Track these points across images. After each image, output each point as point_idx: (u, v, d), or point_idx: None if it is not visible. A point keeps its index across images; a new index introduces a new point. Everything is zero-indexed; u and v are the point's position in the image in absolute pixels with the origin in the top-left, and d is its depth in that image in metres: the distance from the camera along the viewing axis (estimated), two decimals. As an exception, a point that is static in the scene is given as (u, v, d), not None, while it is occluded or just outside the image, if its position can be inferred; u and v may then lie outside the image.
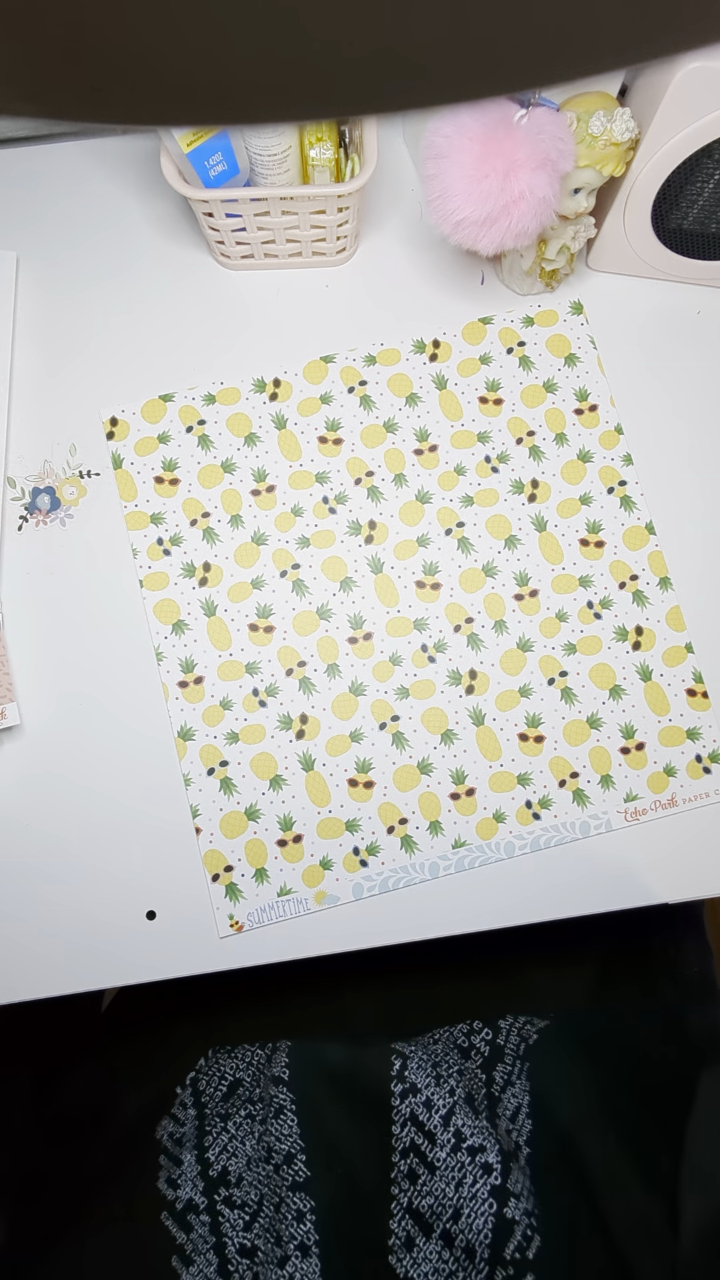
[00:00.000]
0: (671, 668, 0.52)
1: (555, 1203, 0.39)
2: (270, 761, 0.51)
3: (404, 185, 0.59)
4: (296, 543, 0.53)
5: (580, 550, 0.53)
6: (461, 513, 0.54)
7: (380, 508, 0.54)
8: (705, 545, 0.54)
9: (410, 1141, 0.41)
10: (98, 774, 0.51)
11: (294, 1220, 0.39)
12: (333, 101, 0.12)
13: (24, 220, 0.59)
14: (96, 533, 0.54)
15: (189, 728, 0.51)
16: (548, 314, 0.56)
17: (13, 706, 0.51)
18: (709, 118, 0.46)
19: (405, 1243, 0.38)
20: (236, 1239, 0.39)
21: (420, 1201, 0.40)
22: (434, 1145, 0.41)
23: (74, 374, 0.56)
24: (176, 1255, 0.38)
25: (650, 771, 0.51)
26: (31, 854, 0.51)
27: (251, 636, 0.52)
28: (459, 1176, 0.40)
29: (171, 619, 0.52)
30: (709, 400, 0.56)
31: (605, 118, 0.46)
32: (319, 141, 0.50)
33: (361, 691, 0.51)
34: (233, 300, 0.58)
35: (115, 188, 0.59)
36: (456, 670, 0.52)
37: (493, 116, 0.45)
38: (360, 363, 0.55)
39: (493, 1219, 0.38)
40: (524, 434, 0.55)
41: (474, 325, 0.56)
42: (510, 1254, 0.37)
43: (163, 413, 0.55)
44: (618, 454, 0.55)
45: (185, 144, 0.48)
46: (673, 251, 0.55)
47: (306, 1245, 0.38)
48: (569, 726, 0.51)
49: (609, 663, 0.52)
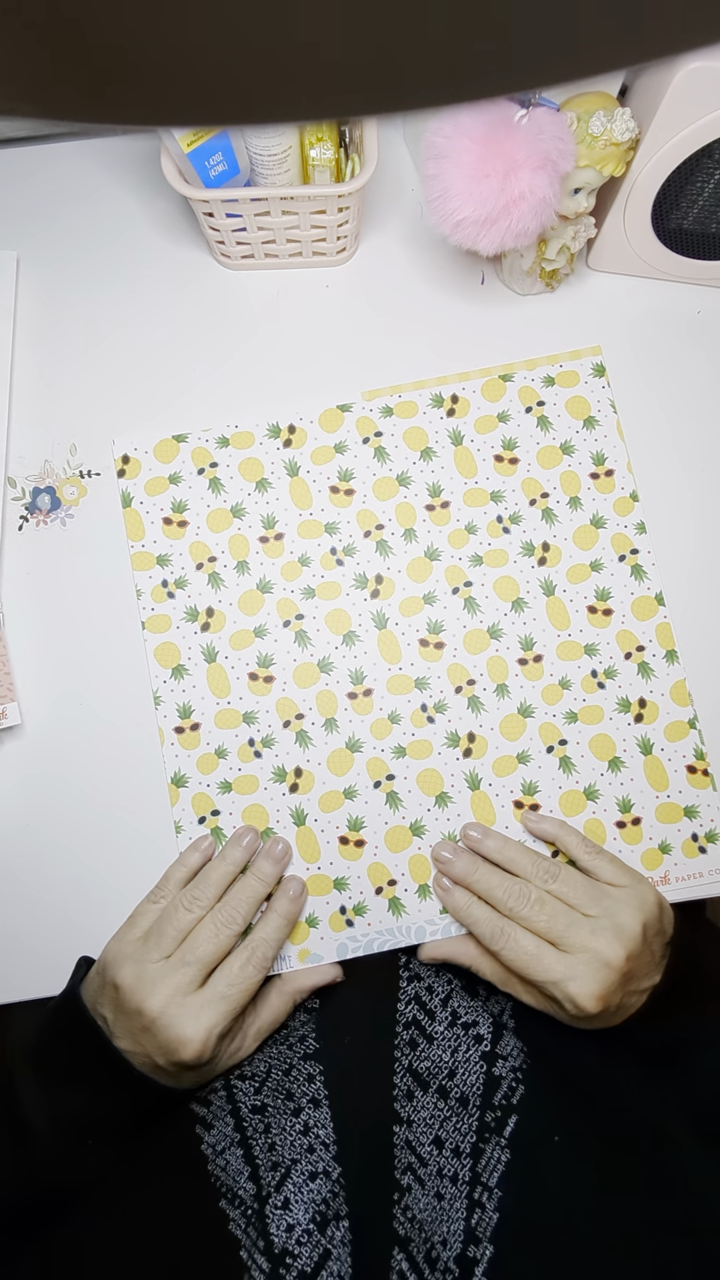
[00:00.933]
0: (673, 742, 0.51)
1: (540, 1062, 0.44)
2: (262, 813, 0.50)
3: (404, 185, 0.60)
4: (302, 593, 0.53)
5: (588, 617, 0.53)
6: (470, 572, 0.53)
7: (388, 562, 0.53)
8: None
9: (412, 1016, 0.46)
10: (99, 774, 0.51)
11: (304, 1081, 0.44)
12: (333, 102, 0.12)
13: (24, 220, 0.59)
14: (97, 532, 0.54)
15: (183, 774, 0.51)
16: (569, 374, 0.56)
17: (13, 706, 0.51)
18: (709, 118, 0.46)
19: (406, 1094, 0.44)
20: (248, 1102, 0.44)
21: (419, 1065, 0.44)
22: (433, 1021, 0.46)
23: (74, 374, 0.56)
24: (199, 1124, 0.43)
25: (645, 848, 0.50)
26: (31, 854, 0.51)
27: (251, 685, 0.52)
28: (454, 1045, 0.45)
29: (172, 663, 0.52)
30: (709, 402, 0.56)
31: (605, 118, 0.46)
32: (319, 141, 0.50)
33: (358, 748, 0.51)
34: (233, 300, 0.58)
35: (115, 188, 0.59)
36: (455, 732, 0.51)
37: (493, 117, 0.45)
38: (376, 414, 0.55)
39: (483, 1076, 0.44)
40: (538, 495, 0.54)
41: (494, 382, 0.55)
42: (498, 1100, 0.43)
43: (175, 452, 0.54)
44: (631, 521, 0.54)
45: (185, 144, 0.48)
46: (673, 251, 0.55)
47: (318, 1099, 0.43)
48: (565, 796, 0.51)
49: (610, 734, 0.51)
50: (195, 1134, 0.43)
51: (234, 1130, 0.43)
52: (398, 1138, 0.42)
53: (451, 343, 0.57)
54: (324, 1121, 0.43)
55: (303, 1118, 0.43)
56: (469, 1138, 0.42)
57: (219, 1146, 0.42)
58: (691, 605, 0.54)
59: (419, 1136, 0.42)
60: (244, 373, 0.56)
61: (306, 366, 0.57)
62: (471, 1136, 0.42)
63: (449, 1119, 0.42)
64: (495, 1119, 0.42)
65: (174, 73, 0.11)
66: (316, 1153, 0.41)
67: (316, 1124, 0.43)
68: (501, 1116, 0.42)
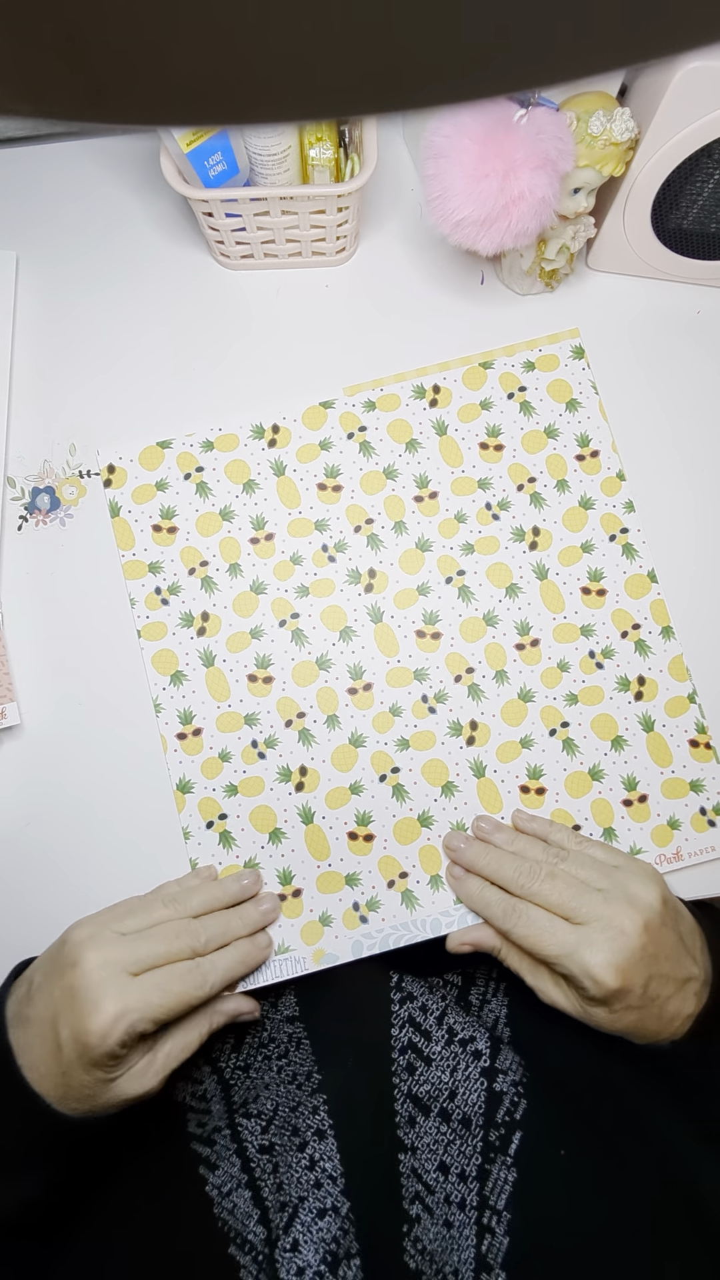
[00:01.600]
0: (674, 718, 0.52)
1: (540, 1073, 0.44)
2: (269, 814, 0.50)
3: (404, 185, 0.60)
4: (295, 592, 0.53)
5: (582, 599, 0.53)
6: (462, 561, 0.53)
7: (380, 556, 0.53)
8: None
9: (408, 1040, 0.45)
10: (99, 774, 0.51)
11: (309, 1114, 0.43)
12: (332, 101, 0.12)
13: (24, 220, 0.59)
14: (97, 532, 0.54)
15: (188, 780, 0.50)
16: (549, 358, 0.56)
17: (13, 706, 0.50)
18: (709, 117, 0.46)
19: (408, 1120, 0.42)
20: (255, 1141, 0.42)
21: (419, 1089, 0.43)
22: (429, 1042, 0.45)
23: (74, 373, 0.56)
24: (203, 1165, 0.41)
25: (654, 825, 0.50)
26: (31, 854, 0.51)
27: (250, 687, 0.52)
28: (453, 1064, 0.44)
29: (170, 670, 0.52)
30: (709, 403, 0.56)
31: (605, 117, 0.46)
32: (319, 141, 0.50)
33: (361, 743, 0.51)
34: (232, 300, 0.58)
35: (115, 187, 0.59)
36: (457, 721, 0.51)
37: (493, 116, 0.45)
38: (360, 408, 0.55)
39: (484, 1094, 0.42)
40: (525, 480, 0.54)
41: (475, 370, 0.56)
42: (500, 1118, 0.41)
43: (160, 459, 0.54)
44: (619, 501, 0.54)
45: (185, 144, 0.48)
46: (672, 251, 0.55)
47: (323, 1130, 0.42)
48: (570, 778, 0.51)
49: (611, 713, 0.52)
50: (200, 1175, 0.41)
51: (241, 1171, 0.41)
52: (403, 1165, 0.41)
53: (451, 342, 0.57)
54: (330, 1153, 0.41)
55: (308, 1151, 0.41)
56: (474, 1160, 0.41)
57: (225, 1188, 0.40)
58: (685, 581, 0.54)
59: (424, 1164, 0.41)
60: (244, 372, 0.56)
61: (306, 366, 0.57)
62: (477, 1158, 0.41)
63: (453, 1142, 0.41)
64: (499, 1137, 0.41)
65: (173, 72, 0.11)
66: (324, 1187, 0.40)
67: (323, 1156, 0.41)
68: (505, 1134, 0.41)
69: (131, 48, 0.11)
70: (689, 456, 0.56)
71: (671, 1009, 0.41)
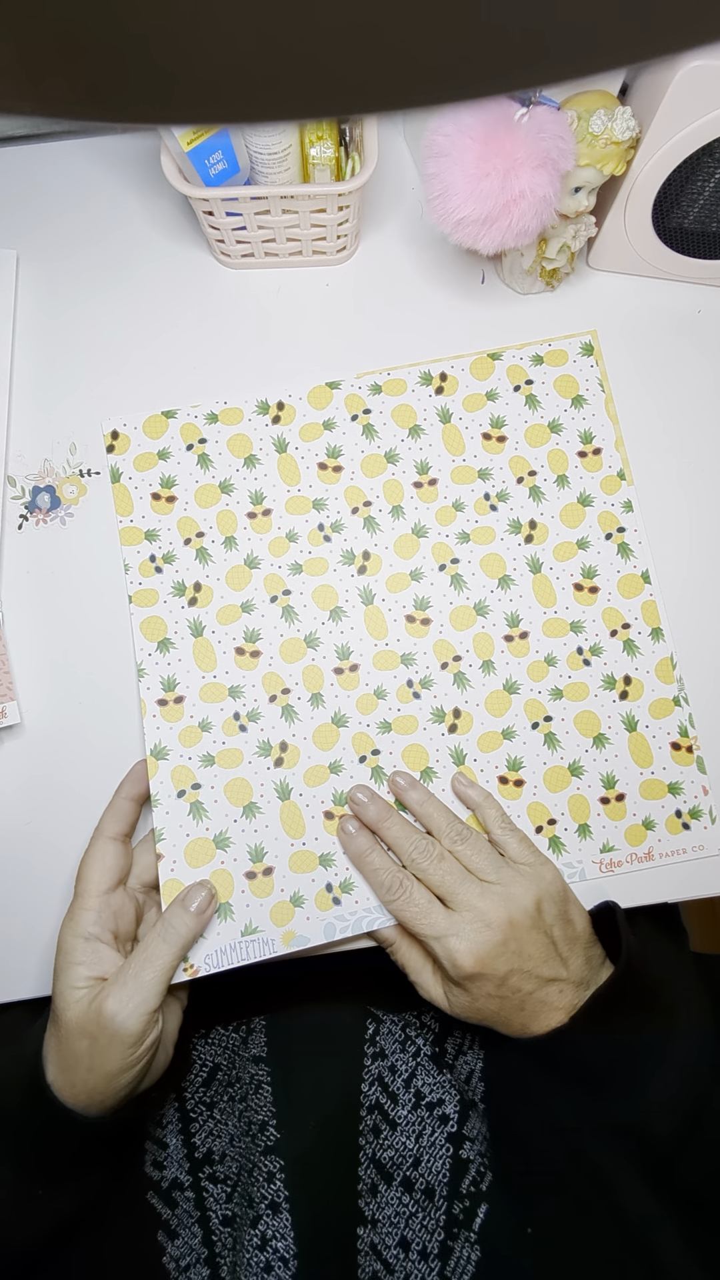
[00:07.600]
0: (658, 719, 0.52)
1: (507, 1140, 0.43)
2: (245, 787, 0.50)
3: (404, 184, 0.60)
4: (289, 569, 0.53)
5: (574, 595, 0.53)
6: (457, 549, 0.53)
7: (375, 539, 0.53)
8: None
9: (375, 1100, 0.45)
10: (99, 773, 0.51)
11: (264, 1181, 0.42)
12: (333, 100, 0.12)
13: (24, 219, 0.59)
14: (97, 532, 0.54)
15: (163, 746, 0.50)
16: (558, 353, 0.56)
17: (13, 705, 0.51)
18: (709, 116, 0.46)
19: (370, 1188, 0.42)
20: (219, 1211, 0.42)
21: (382, 1154, 0.43)
22: (395, 1105, 0.45)
23: (74, 373, 0.56)
24: (162, 1230, 0.41)
25: (629, 824, 0.50)
26: (31, 852, 0.51)
27: (237, 660, 0.52)
28: (418, 1130, 0.44)
29: (158, 636, 0.52)
30: (709, 402, 0.56)
31: (606, 116, 0.46)
32: (319, 140, 0.50)
33: (344, 723, 0.51)
34: (233, 299, 0.58)
35: (115, 186, 0.59)
36: (440, 708, 0.51)
37: (493, 115, 0.45)
38: (365, 391, 0.55)
39: (450, 1161, 0.43)
40: (525, 473, 0.54)
41: (483, 360, 0.56)
42: (465, 1188, 0.42)
43: (164, 429, 0.54)
44: (618, 500, 0.54)
45: (185, 142, 0.48)
46: (673, 250, 0.55)
47: (277, 1203, 0.41)
48: (550, 772, 0.51)
49: (595, 710, 0.52)
50: (158, 1243, 0.40)
51: (201, 1244, 0.40)
52: (362, 1242, 0.40)
53: (451, 342, 0.57)
54: (284, 1231, 0.40)
55: (260, 1228, 0.40)
56: (436, 1235, 0.40)
57: (183, 1262, 0.40)
58: (679, 583, 0.54)
59: (384, 1239, 0.40)
60: (244, 371, 0.56)
61: (306, 365, 0.57)
62: (439, 1233, 0.40)
63: (415, 1215, 0.41)
64: (464, 1210, 0.41)
65: (173, 70, 0.11)
66: (274, 1271, 0.39)
67: (275, 1234, 0.40)
68: (470, 1206, 0.41)
69: (132, 45, 0.11)
70: (689, 456, 0.56)
71: (534, 1002, 0.43)
